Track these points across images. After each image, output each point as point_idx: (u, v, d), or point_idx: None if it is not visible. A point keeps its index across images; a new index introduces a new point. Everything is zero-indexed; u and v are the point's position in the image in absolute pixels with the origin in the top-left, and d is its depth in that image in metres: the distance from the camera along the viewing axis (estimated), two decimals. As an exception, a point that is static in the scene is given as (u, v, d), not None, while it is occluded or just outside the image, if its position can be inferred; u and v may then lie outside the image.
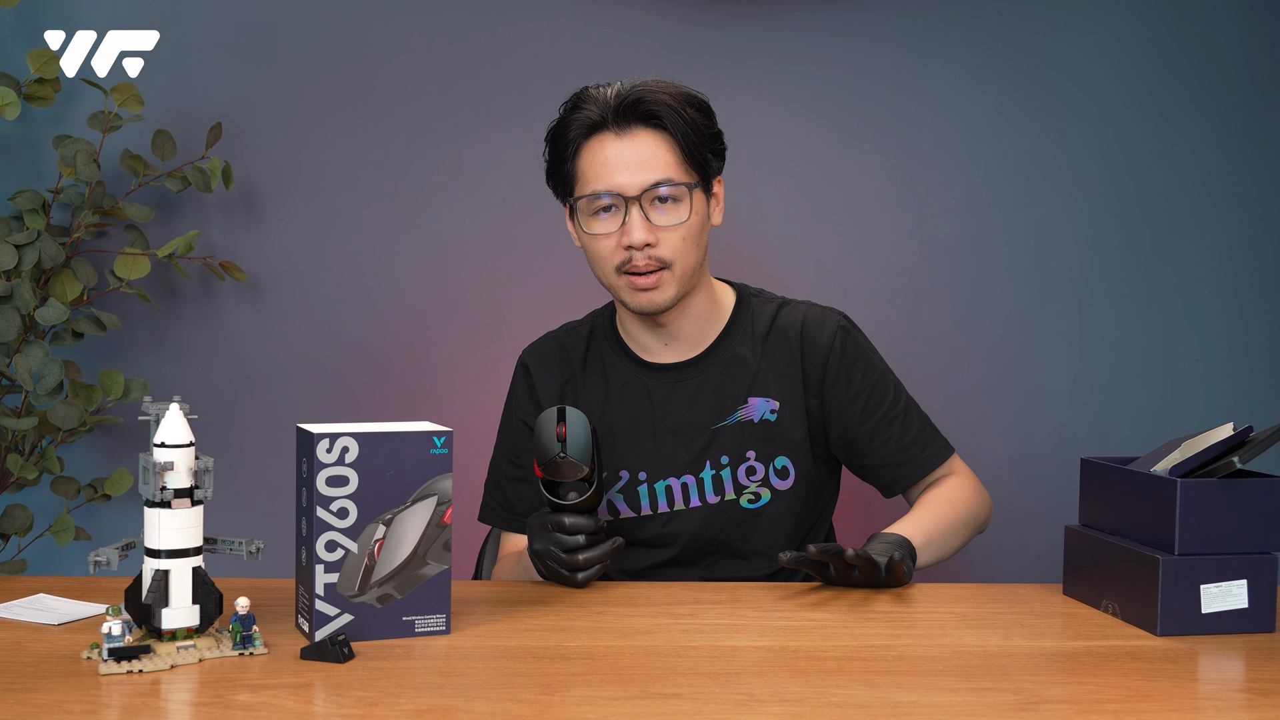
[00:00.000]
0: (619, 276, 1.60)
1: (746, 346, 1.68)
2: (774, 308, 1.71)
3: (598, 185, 1.58)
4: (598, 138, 1.58)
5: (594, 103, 1.58)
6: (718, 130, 1.63)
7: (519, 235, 2.36)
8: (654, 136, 1.58)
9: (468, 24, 2.33)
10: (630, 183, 1.56)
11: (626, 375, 1.70)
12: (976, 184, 2.39)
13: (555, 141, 1.62)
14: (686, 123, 1.57)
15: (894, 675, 1.16)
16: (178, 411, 1.18)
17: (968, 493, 1.68)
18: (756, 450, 1.66)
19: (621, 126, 1.57)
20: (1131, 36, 2.38)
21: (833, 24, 2.35)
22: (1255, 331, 2.42)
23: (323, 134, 2.33)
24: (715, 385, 1.67)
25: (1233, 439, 1.32)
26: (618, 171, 1.57)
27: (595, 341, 1.74)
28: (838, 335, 1.68)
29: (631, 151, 1.57)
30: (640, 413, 1.68)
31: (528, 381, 1.75)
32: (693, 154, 1.59)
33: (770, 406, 1.66)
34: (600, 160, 1.58)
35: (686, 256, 1.60)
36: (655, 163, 1.57)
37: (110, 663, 1.13)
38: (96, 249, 2.25)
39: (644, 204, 1.57)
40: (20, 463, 2.10)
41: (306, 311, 2.35)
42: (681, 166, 1.58)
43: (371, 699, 1.08)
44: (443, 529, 1.26)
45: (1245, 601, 1.31)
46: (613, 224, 1.58)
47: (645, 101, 1.56)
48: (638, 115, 1.57)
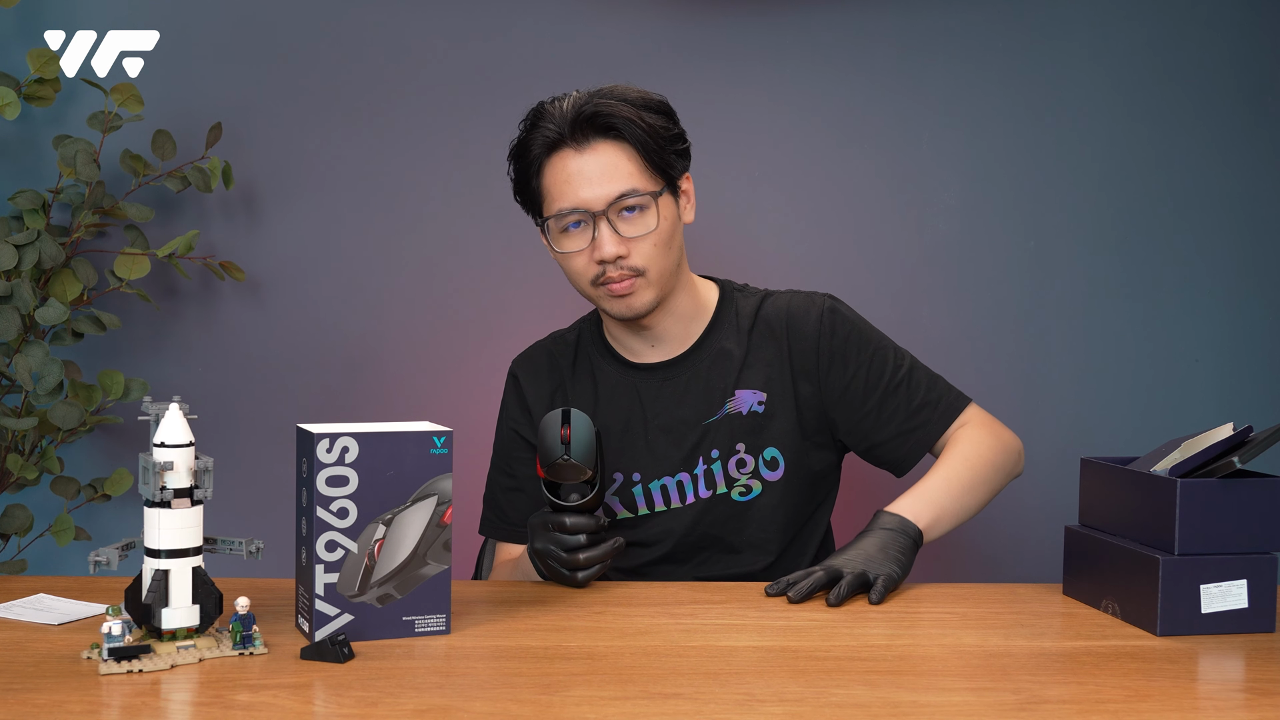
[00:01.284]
0: (596, 288, 1.61)
1: (732, 340, 1.69)
2: (757, 299, 1.72)
3: (563, 203, 1.58)
4: (558, 155, 1.59)
5: (551, 119, 1.58)
6: (678, 130, 1.63)
7: (519, 235, 2.35)
8: (613, 147, 1.57)
9: (468, 24, 2.33)
10: (594, 196, 1.56)
11: (615, 378, 1.71)
12: (976, 184, 2.39)
13: (518, 160, 1.63)
14: (644, 129, 1.57)
15: (894, 675, 1.16)
16: (178, 411, 1.18)
17: (985, 443, 1.64)
18: (746, 443, 1.66)
19: (580, 141, 1.57)
20: (1131, 37, 2.38)
21: (833, 24, 2.35)
22: (1255, 331, 2.42)
23: (323, 134, 2.33)
24: (703, 381, 1.68)
25: (1233, 439, 1.32)
26: (581, 187, 1.57)
27: (583, 347, 1.75)
28: (824, 317, 1.67)
29: (593, 165, 1.57)
30: (631, 414, 1.69)
31: (518, 391, 1.76)
32: (654, 160, 1.58)
33: (758, 398, 1.66)
34: (563, 177, 1.58)
35: (659, 261, 1.60)
36: (617, 174, 1.57)
37: (110, 663, 1.13)
38: (96, 249, 2.25)
39: (611, 217, 1.57)
40: (20, 463, 2.10)
41: (306, 311, 2.35)
42: (644, 174, 1.58)
43: (371, 699, 1.08)
44: (443, 529, 1.26)
45: (1245, 601, 1.31)
46: (582, 240, 1.59)
47: (601, 114, 1.56)
48: (595, 128, 1.57)
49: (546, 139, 1.58)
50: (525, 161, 1.62)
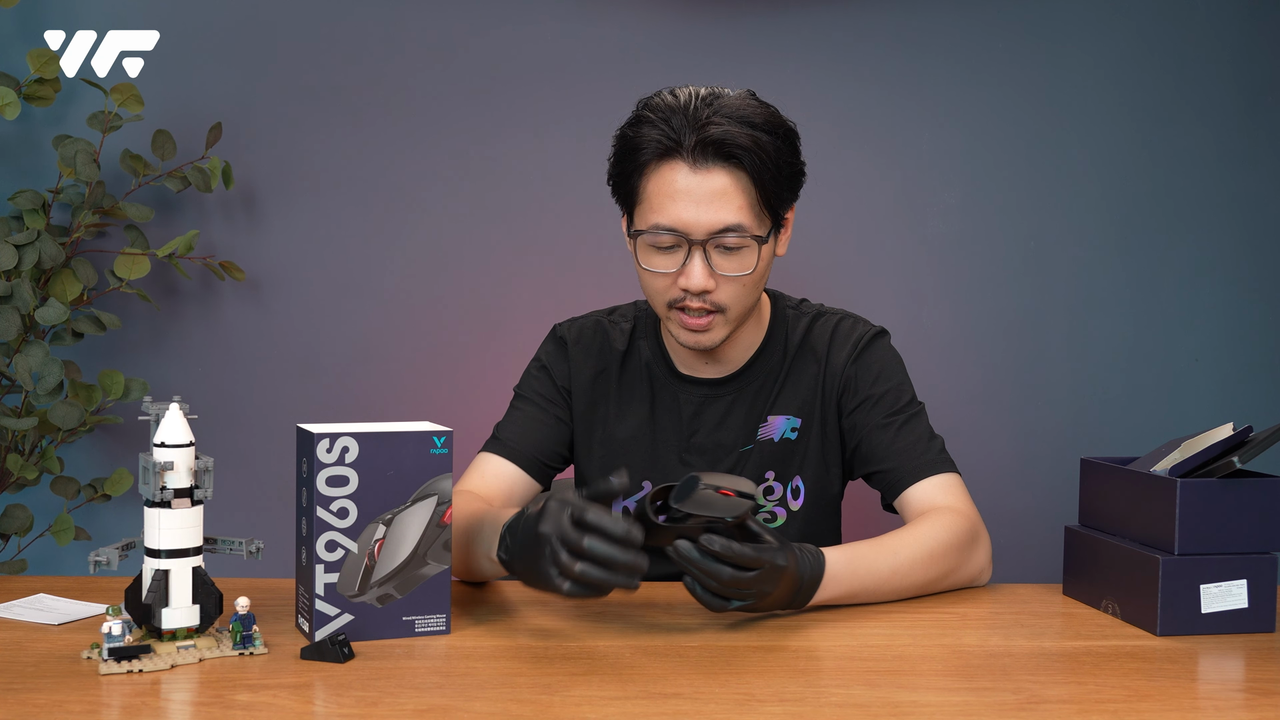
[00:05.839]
0: (669, 310, 1.52)
1: (777, 362, 1.63)
2: (808, 321, 1.65)
3: (662, 218, 1.46)
4: (669, 163, 1.46)
5: (669, 122, 1.45)
6: (799, 163, 1.52)
7: (519, 235, 2.36)
8: (730, 176, 1.45)
9: (467, 24, 2.33)
10: (698, 222, 1.45)
11: (661, 384, 1.65)
12: (976, 184, 2.39)
13: (623, 155, 1.50)
14: (768, 162, 1.45)
15: (894, 675, 1.16)
16: (178, 411, 1.18)
17: (950, 533, 1.46)
18: (775, 470, 1.62)
19: (697, 159, 1.44)
20: (1131, 37, 2.38)
21: (832, 24, 2.35)
22: (1255, 332, 2.42)
23: (323, 134, 2.33)
24: (746, 405, 1.62)
25: (1233, 439, 1.32)
26: (686, 208, 1.45)
27: (636, 340, 1.67)
28: (858, 345, 1.62)
29: (704, 188, 1.44)
30: (670, 426, 1.64)
31: (564, 356, 1.66)
32: (768, 196, 1.47)
33: (792, 425, 1.62)
34: (669, 190, 1.46)
35: (744, 301, 1.51)
36: (728, 205, 1.45)
37: (110, 663, 1.13)
38: (96, 249, 2.25)
39: (708, 248, 1.46)
40: (20, 463, 2.10)
41: (306, 311, 2.35)
42: (755, 211, 1.46)
43: (371, 699, 1.08)
44: (443, 529, 1.26)
45: (1245, 601, 1.31)
46: (672, 261, 1.48)
47: (727, 142, 1.43)
48: (718, 152, 1.44)
49: (661, 145, 1.45)
50: (631, 159, 1.49)
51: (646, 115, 1.48)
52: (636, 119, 1.50)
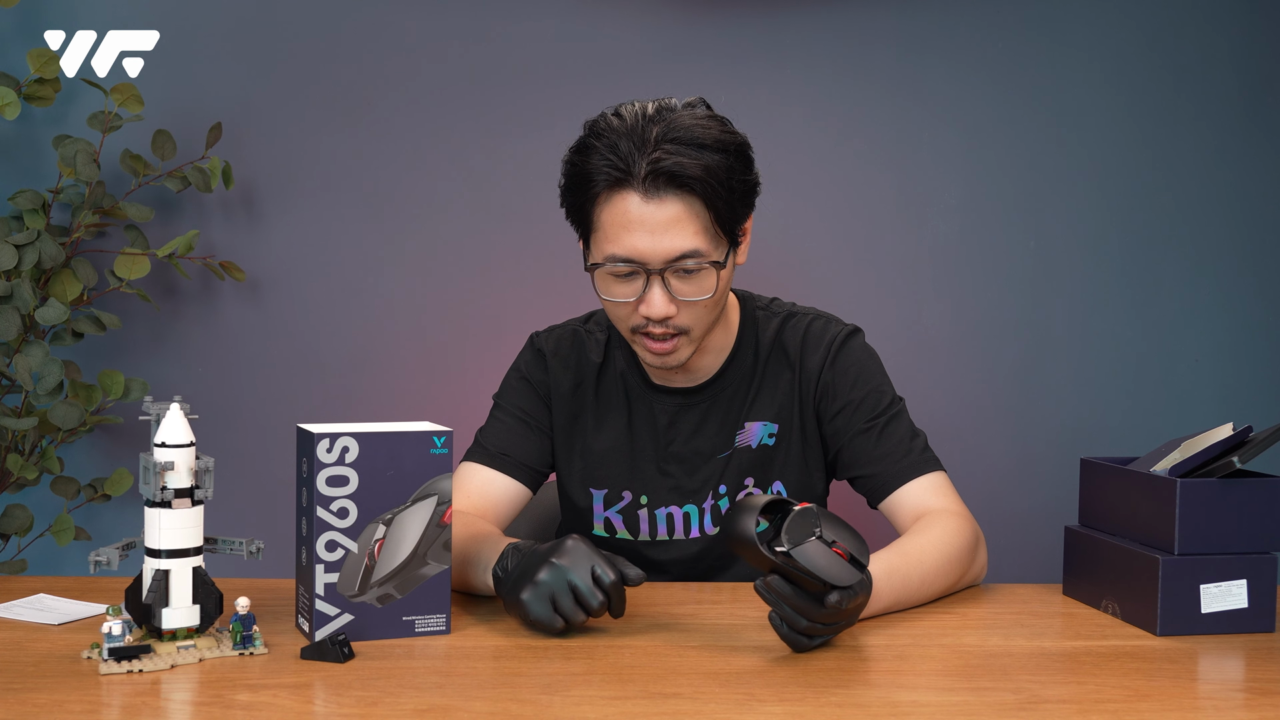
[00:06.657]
0: (634, 335, 1.52)
1: (748, 367, 1.62)
2: (778, 322, 1.63)
3: (618, 249, 1.44)
4: (621, 193, 1.43)
5: (617, 149, 1.42)
6: (753, 179, 1.50)
7: (519, 235, 2.35)
8: (683, 203, 1.42)
9: (468, 24, 2.33)
10: (654, 252, 1.43)
11: (637, 394, 1.64)
12: (976, 184, 2.39)
13: (574, 183, 1.47)
14: (720, 186, 1.43)
15: (894, 675, 1.17)
16: (178, 411, 1.19)
17: (961, 537, 1.47)
18: (755, 477, 1.61)
19: (649, 190, 1.42)
20: (1131, 36, 2.38)
21: (832, 24, 2.35)
22: (1255, 331, 2.42)
23: (323, 134, 2.33)
24: (721, 412, 1.62)
25: (1232, 439, 1.32)
26: (641, 239, 1.43)
27: (611, 351, 1.67)
28: (831, 347, 1.60)
29: (658, 216, 1.42)
30: (646, 436, 1.63)
31: (543, 367, 1.66)
32: (723, 217, 1.45)
33: (769, 431, 1.61)
34: (622, 220, 1.43)
35: (706, 320, 1.51)
36: (682, 232, 1.43)
37: (110, 662, 1.13)
38: (96, 249, 2.25)
39: (666, 276, 1.45)
40: (20, 463, 2.10)
41: (306, 311, 2.35)
42: (710, 235, 1.45)
43: (371, 699, 1.08)
44: (443, 529, 1.26)
45: (1245, 601, 1.31)
46: (631, 289, 1.47)
47: (677, 174, 1.41)
48: (669, 181, 1.42)
49: (610, 176, 1.43)
50: (583, 190, 1.46)
51: (592, 143, 1.45)
52: (583, 145, 1.46)
